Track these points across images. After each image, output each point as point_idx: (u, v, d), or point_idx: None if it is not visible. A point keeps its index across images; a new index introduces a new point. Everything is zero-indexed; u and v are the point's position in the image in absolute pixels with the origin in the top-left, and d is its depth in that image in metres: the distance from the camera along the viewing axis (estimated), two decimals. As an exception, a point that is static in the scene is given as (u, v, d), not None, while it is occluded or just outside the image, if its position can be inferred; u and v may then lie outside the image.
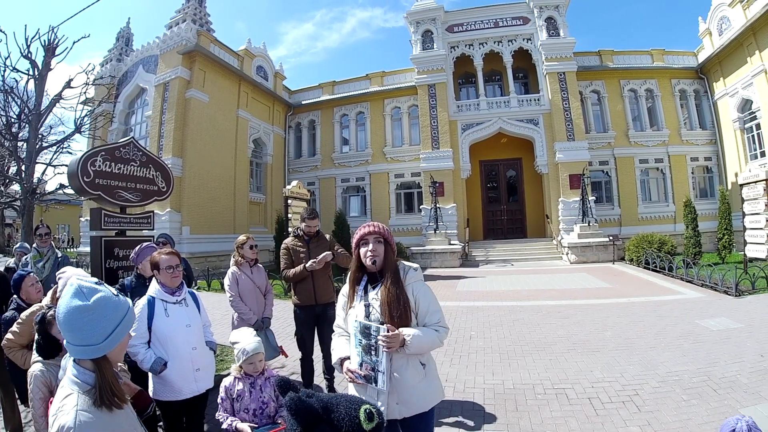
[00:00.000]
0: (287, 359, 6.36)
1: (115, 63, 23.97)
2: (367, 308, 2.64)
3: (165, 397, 3.47)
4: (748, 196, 12.93)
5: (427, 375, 2.62)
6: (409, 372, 2.55)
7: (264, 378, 3.33)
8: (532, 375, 5.84)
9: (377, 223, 2.80)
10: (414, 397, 2.56)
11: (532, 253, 20.18)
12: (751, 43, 19.11)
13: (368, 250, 2.66)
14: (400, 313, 2.52)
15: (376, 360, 2.45)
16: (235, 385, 3.24)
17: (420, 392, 2.57)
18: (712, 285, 11.30)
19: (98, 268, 6.26)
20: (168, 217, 18.37)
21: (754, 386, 4.99)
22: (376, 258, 2.65)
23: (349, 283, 2.80)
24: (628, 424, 4.33)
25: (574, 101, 21.64)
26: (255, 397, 3.19)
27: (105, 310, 1.75)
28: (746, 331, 7.30)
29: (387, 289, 2.58)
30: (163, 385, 3.46)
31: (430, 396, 2.64)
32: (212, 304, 10.83)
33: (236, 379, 3.27)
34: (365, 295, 2.70)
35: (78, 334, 1.71)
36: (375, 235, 2.69)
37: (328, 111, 27.31)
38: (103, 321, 1.74)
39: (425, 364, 2.64)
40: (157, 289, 3.58)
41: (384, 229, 2.74)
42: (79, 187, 6.20)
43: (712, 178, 23.65)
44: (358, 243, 2.74)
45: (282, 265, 5.38)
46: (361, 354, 2.50)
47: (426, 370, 2.62)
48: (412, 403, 2.56)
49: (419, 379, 2.57)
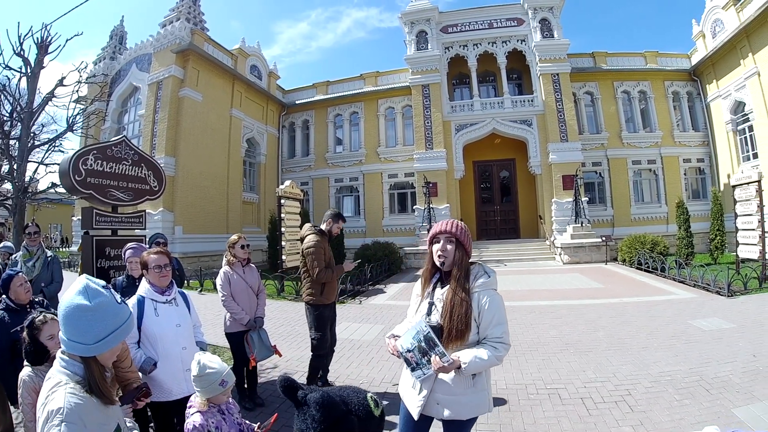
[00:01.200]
0: (280, 359, 6.32)
1: (109, 61, 23.86)
2: (431, 306, 2.62)
3: (155, 398, 3.42)
4: (741, 197, 13.00)
5: (475, 385, 2.54)
6: (456, 381, 2.51)
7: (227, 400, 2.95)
8: (525, 375, 5.84)
9: (453, 221, 2.69)
10: (455, 405, 2.52)
11: (525, 254, 20.18)
12: (744, 45, 19.24)
13: (439, 248, 2.62)
14: (460, 318, 2.46)
15: (425, 365, 2.42)
16: (208, 420, 2.72)
17: (462, 403, 2.53)
18: (704, 285, 11.33)
19: (90, 267, 6.20)
20: (161, 216, 18.30)
21: (747, 386, 5.01)
22: (445, 258, 2.60)
23: (422, 278, 2.77)
24: (621, 424, 4.33)
25: (567, 102, 21.70)
26: (231, 423, 2.88)
27: (104, 314, 1.81)
28: (738, 332, 7.33)
29: (452, 292, 2.53)
30: (153, 385, 3.40)
31: (473, 408, 2.57)
32: (204, 305, 10.82)
33: (203, 413, 2.74)
34: (432, 292, 2.67)
35: (73, 330, 1.77)
36: (446, 234, 2.62)
37: (322, 111, 27.30)
38: (99, 324, 1.79)
39: (475, 375, 2.54)
40: (147, 288, 3.55)
41: (459, 229, 2.64)
42: (71, 186, 6.12)
43: (704, 179, 23.81)
44: (431, 240, 2.70)
45: (315, 264, 5.20)
46: (415, 349, 2.44)
47: (475, 380, 2.54)
48: (451, 409, 2.52)
49: (464, 389, 2.52)
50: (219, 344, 5.61)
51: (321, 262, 5.22)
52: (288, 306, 11.57)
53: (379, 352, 5.93)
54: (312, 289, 5.33)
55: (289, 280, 13.45)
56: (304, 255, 5.33)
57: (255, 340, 5.18)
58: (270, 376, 6.19)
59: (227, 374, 2.76)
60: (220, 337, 5.59)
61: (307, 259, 5.27)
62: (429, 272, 2.73)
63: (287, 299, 12.39)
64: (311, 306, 5.37)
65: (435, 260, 2.65)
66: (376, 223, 24.96)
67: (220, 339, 5.55)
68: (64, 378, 1.74)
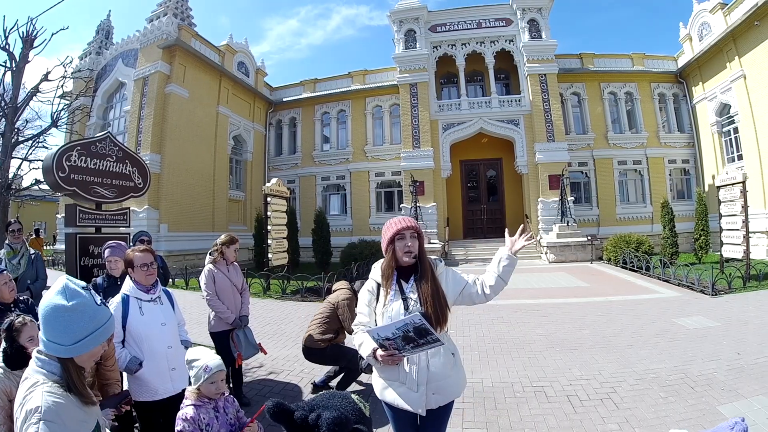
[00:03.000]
0: (266, 357, 6.29)
1: (95, 56, 23.61)
2: (406, 302, 2.64)
3: (141, 398, 3.43)
4: (725, 197, 13.12)
5: (455, 363, 2.70)
6: (443, 362, 2.61)
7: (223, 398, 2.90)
8: (511, 373, 5.84)
9: (410, 218, 2.77)
10: (448, 386, 2.63)
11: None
12: (731, 48, 19.41)
13: (405, 244, 2.67)
14: (441, 303, 2.59)
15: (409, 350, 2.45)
16: (199, 414, 2.67)
17: (453, 381, 2.65)
18: (688, 284, 11.42)
19: (73, 265, 6.15)
20: (146, 214, 18.11)
21: (732, 384, 5.04)
22: (412, 252, 2.67)
23: (382, 278, 2.77)
24: (607, 422, 4.34)
25: (554, 103, 21.81)
26: (223, 422, 2.78)
27: (81, 316, 1.77)
28: (723, 330, 7.38)
29: (427, 283, 2.61)
30: (138, 385, 3.42)
31: (461, 383, 2.75)
32: (189, 303, 10.72)
33: (196, 406, 2.70)
34: (400, 289, 2.70)
35: (50, 330, 1.74)
36: (411, 230, 2.68)
37: (310, 108, 27.14)
38: (76, 325, 1.75)
39: (454, 353, 2.72)
40: (132, 287, 3.53)
41: (417, 224, 2.74)
42: (54, 183, 6.08)
43: (689, 180, 24.06)
44: (393, 238, 2.71)
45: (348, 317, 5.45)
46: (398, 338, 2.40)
47: (455, 359, 2.71)
48: (446, 391, 2.63)
49: (450, 368, 2.64)
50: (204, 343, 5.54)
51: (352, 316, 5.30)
52: (273, 305, 11.50)
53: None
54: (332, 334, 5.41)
55: (275, 278, 13.37)
56: (338, 306, 5.52)
57: (241, 339, 5.15)
58: (256, 375, 6.14)
59: (212, 362, 2.74)
60: (205, 336, 5.52)
61: (340, 310, 5.48)
62: (390, 270, 2.74)
63: (273, 298, 12.31)
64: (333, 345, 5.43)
65: (401, 257, 2.68)
66: (363, 222, 24.89)
67: (206, 338, 5.48)
68: (41, 378, 1.71)
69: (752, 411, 4.30)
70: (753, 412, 4.26)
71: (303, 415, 2.38)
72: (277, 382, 5.88)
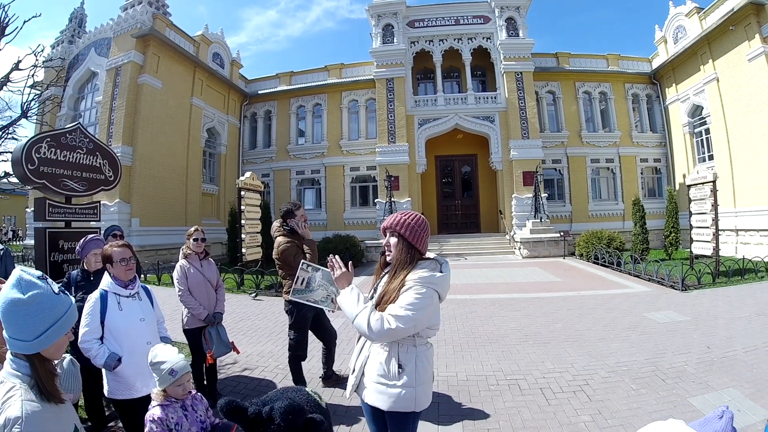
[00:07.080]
0: (239, 355, 6.19)
1: (67, 45, 22.99)
2: (374, 290, 2.70)
3: (121, 396, 3.38)
4: (695, 196, 13.38)
5: (401, 380, 2.41)
6: (380, 366, 2.46)
7: (191, 396, 2.92)
8: (485, 367, 5.84)
9: (396, 217, 2.65)
10: (373, 392, 2.48)
11: (486, 248, 20.37)
12: (705, 52, 19.82)
13: (384, 242, 2.68)
14: (387, 302, 2.49)
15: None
16: (167, 414, 2.69)
17: (380, 390, 2.44)
18: (659, 280, 11.63)
19: (43, 261, 6.01)
20: (117, 208, 17.72)
21: (702, 376, 5.11)
22: (389, 251, 2.66)
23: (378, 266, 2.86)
24: (580, 413, 4.35)
25: (530, 101, 22.05)
26: (193, 420, 2.80)
27: (40, 307, 1.68)
28: (693, 324, 7.50)
29: (388, 281, 2.58)
30: (118, 382, 3.35)
31: (393, 400, 2.42)
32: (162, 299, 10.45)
33: (164, 407, 2.71)
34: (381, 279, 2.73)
35: (11, 327, 1.66)
36: (389, 229, 2.64)
37: (285, 102, 26.90)
38: (35, 317, 1.67)
39: (403, 368, 2.43)
40: (110, 282, 3.46)
41: (399, 223, 2.59)
42: (23, 175, 5.93)
43: (660, 179, 24.59)
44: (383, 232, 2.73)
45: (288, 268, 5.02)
46: None
47: (403, 374, 2.42)
48: (373, 396, 2.48)
49: (388, 377, 2.43)
50: (178, 340, 5.43)
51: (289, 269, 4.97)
52: (248, 300, 11.34)
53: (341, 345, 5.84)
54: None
55: (249, 273, 13.21)
56: (282, 256, 5.09)
57: (213, 336, 5.01)
58: (230, 372, 6.02)
59: (178, 364, 2.71)
60: (178, 333, 5.40)
61: (285, 258, 5.07)
62: (381, 264, 2.80)
63: (247, 293, 12.15)
64: (295, 304, 4.79)
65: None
66: (338, 216, 24.81)
67: (179, 335, 5.36)
68: (17, 382, 1.63)
69: (722, 402, 4.33)
70: (723, 404, 4.30)
71: (256, 410, 2.31)
72: (252, 378, 5.78)
